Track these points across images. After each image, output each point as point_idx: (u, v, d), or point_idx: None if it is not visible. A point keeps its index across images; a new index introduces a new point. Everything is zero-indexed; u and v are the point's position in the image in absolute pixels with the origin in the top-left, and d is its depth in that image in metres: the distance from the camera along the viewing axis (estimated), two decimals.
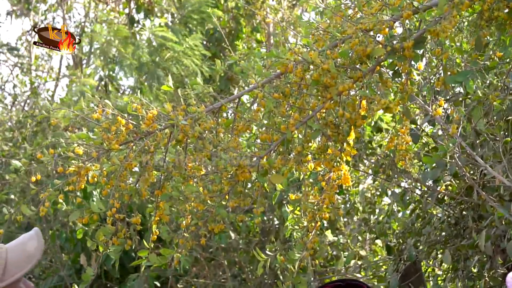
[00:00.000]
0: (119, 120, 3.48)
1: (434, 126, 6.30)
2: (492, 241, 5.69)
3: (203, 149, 3.46)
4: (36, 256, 2.64)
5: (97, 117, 3.50)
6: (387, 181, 6.99)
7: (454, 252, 6.14)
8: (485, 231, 5.56)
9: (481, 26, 3.67)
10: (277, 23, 8.75)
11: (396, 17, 3.58)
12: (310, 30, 3.68)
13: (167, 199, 3.50)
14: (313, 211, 3.59)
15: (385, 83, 3.54)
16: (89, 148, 3.49)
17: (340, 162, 3.57)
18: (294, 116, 3.50)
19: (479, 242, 5.53)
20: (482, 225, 5.88)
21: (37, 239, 2.68)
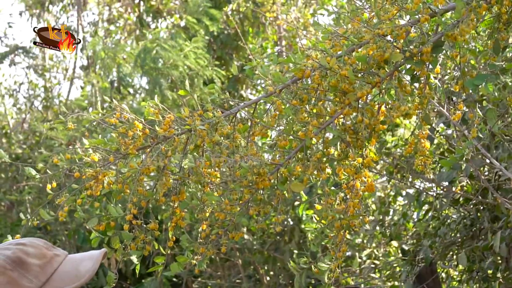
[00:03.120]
0: (136, 124, 3.45)
1: (449, 127, 6.25)
2: (507, 242, 5.65)
3: (220, 155, 3.42)
4: (84, 278, 2.55)
5: (114, 121, 3.46)
6: (401, 182, 6.95)
7: (469, 254, 6.10)
8: (500, 232, 5.52)
9: (499, 29, 3.62)
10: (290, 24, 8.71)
11: (413, 21, 3.54)
12: (327, 35, 3.63)
13: (187, 208, 3.47)
14: (340, 220, 3.54)
15: (403, 88, 3.50)
16: (105, 153, 3.46)
17: (363, 169, 3.53)
18: (313, 123, 3.46)
19: (494, 244, 5.49)
20: (496, 226, 5.84)
21: (94, 261, 2.59)
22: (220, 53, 9.89)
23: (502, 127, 5.08)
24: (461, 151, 3.72)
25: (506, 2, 3.51)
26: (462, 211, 6.33)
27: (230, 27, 9.94)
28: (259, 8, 9.38)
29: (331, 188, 3.61)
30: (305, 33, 8.88)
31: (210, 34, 9.71)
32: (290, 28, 9.16)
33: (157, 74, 9.05)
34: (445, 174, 6.06)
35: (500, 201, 5.51)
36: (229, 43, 9.89)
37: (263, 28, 9.93)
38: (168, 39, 9.23)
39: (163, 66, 8.94)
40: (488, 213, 6.00)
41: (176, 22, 10.46)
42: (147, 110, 3.51)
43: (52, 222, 9.07)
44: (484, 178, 5.66)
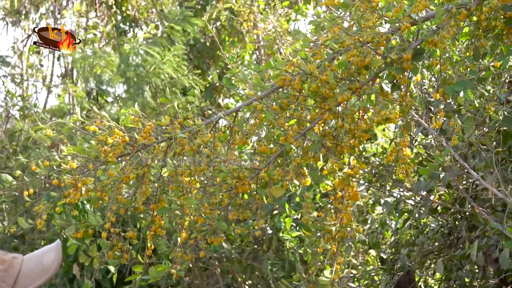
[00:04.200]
0: (116, 132, 3.40)
1: (427, 136, 6.25)
2: (484, 251, 5.64)
3: (201, 162, 3.38)
4: (52, 269, 2.53)
5: (94, 129, 3.41)
6: (380, 191, 6.93)
7: (447, 262, 6.09)
8: (477, 241, 5.51)
9: (479, 36, 3.62)
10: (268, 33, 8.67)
11: (394, 29, 3.52)
12: (307, 43, 3.60)
13: (166, 213, 3.42)
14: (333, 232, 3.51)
15: (385, 95, 3.47)
16: (84, 161, 3.40)
17: (351, 180, 3.50)
18: (293, 128, 3.43)
19: (471, 252, 5.48)
20: (474, 235, 5.83)
21: (55, 251, 2.57)
22: (197, 62, 9.85)
23: (479, 136, 5.09)
24: (439, 160, 3.71)
25: (485, 9, 3.51)
26: (440, 220, 6.32)
27: (207, 36, 9.90)
28: (236, 17, 9.35)
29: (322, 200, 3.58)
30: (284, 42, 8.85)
31: (186, 43, 9.66)
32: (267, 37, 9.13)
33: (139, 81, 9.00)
34: (423, 184, 6.04)
35: (477, 211, 5.51)
36: (206, 52, 9.85)
37: (241, 37, 9.90)
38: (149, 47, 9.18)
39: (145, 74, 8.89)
40: (465, 222, 5.99)
41: (153, 31, 10.41)
42: (127, 117, 3.46)
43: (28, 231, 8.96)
44: (461, 188, 5.65)
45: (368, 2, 3.56)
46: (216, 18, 9.89)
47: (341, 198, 3.53)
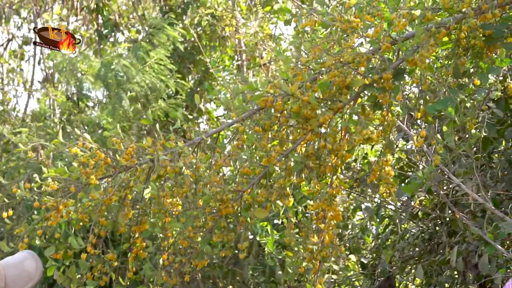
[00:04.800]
0: (98, 154, 3.36)
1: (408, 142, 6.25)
2: (464, 256, 5.64)
3: (183, 184, 3.35)
4: (37, 276, 2.53)
5: (75, 151, 3.37)
6: (361, 196, 6.92)
7: (427, 267, 6.09)
8: (457, 247, 5.51)
9: (459, 54, 3.60)
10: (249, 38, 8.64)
11: (374, 49, 3.50)
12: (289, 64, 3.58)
13: (148, 237, 3.39)
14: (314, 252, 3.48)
15: (367, 115, 3.46)
16: (66, 182, 3.36)
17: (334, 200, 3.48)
18: (276, 149, 3.41)
19: (451, 258, 5.48)
20: (454, 240, 5.83)
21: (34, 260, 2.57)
22: (178, 66, 9.79)
23: (459, 142, 5.09)
24: (421, 177, 3.71)
25: (464, 28, 3.50)
26: (420, 225, 6.32)
27: (188, 41, 9.85)
28: (218, 22, 9.31)
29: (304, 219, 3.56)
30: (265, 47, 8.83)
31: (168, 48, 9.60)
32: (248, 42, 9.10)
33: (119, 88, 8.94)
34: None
35: (457, 216, 5.51)
36: (187, 57, 9.79)
37: (222, 42, 9.86)
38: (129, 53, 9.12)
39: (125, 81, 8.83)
40: (446, 227, 5.99)
41: (134, 36, 10.34)
42: (109, 140, 3.42)
43: None
44: (442, 193, 5.65)
45: (348, 23, 3.54)
46: (197, 23, 9.84)
47: (323, 218, 3.50)
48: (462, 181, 5.37)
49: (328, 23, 3.63)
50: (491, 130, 5.02)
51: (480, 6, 3.48)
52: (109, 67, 8.92)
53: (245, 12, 9.44)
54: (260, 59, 9.35)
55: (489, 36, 3.52)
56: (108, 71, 8.90)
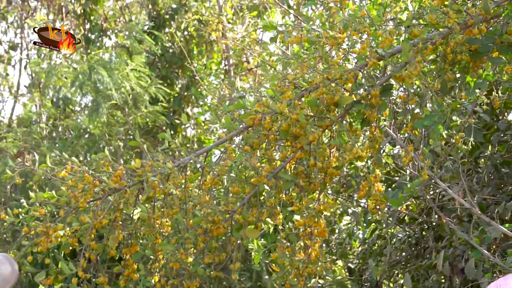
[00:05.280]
0: (86, 177, 3.31)
1: (394, 146, 6.23)
2: (450, 261, 5.63)
3: (173, 205, 3.30)
4: (12, 280, 2.49)
5: (64, 175, 3.32)
6: (348, 201, 6.89)
7: (413, 272, 6.07)
8: (443, 251, 5.50)
9: (445, 69, 3.58)
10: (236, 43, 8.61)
11: (361, 65, 3.47)
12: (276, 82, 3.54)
13: (139, 259, 3.34)
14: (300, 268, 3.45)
15: (354, 132, 3.43)
16: (54, 206, 3.31)
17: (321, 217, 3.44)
18: (265, 168, 3.37)
19: (437, 262, 5.47)
20: (440, 245, 5.82)
21: (10, 264, 2.53)
22: (165, 72, 9.74)
23: (445, 147, 5.07)
24: (409, 190, 3.69)
25: (451, 43, 3.47)
26: (407, 230, 6.29)
27: (176, 46, 9.80)
28: (204, 27, 9.26)
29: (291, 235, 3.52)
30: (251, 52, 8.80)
31: (154, 53, 9.55)
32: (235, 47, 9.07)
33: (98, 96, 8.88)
34: (390, 194, 6.02)
35: (444, 221, 5.50)
36: (174, 62, 9.75)
37: (209, 47, 9.81)
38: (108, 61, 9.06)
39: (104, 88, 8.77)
40: (432, 232, 5.97)
41: (120, 41, 10.28)
42: (98, 163, 3.37)
43: None
44: (428, 198, 5.63)
45: (334, 39, 3.50)
46: (184, 28, 9.79)
47: (309, 234, 3.47)
48: (448, 185, 5.36)
49: (314, 40, 3.60)
50: (478, 135, 5.01)
51: (466, 21, 3.46)
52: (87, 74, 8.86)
53: (231, 17, 9.40)
54: (247, 63, 9.32)
55: (475, 51, 3.49)
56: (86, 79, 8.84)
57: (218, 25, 8.88)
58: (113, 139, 9.56)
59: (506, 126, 5.37)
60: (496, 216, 4.99)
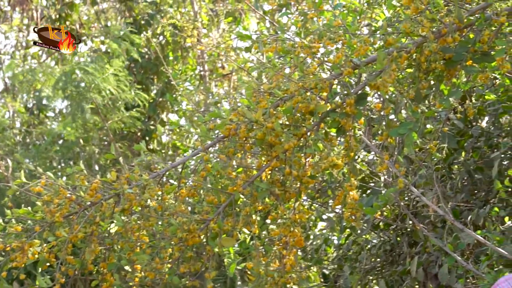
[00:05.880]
0: (61, 192, 3.27)
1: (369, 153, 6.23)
2: (424, 267, 5.64)
3: (149, 217, 3.28)
4: None
5: (39, 189, 3.27)
6: (323, 207, 6.88)
7: (388, 278, 6.07)
8: (417, 257, 5.51)
9: (420, 78, 3.58)
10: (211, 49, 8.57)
11: (336, 74, 3.47)
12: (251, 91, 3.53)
13: (115, 270, 3.31)
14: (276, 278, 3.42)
15: (330, 140, 3.42)
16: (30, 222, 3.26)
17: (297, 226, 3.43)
18: (241, 176, 3.36)
19: (411, 268, 5.48)
20: (414, 251, 5.83)
21: None
22: (141, 77, 9.69)
23: (419, 153, 5.09)
24: (384, 198, 3.69)
25: (425, 52, 3.48)
26: (382, 236, 6.29)
27: (151, 52, 9.77)
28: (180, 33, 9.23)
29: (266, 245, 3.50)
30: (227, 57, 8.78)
31: (130, 59, 9.50)
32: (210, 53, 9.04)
33: (79, 98, 8.82)
34: (365, 200, 6.03)
35: (418, 227, 5.51)
36: (150, 67, 9.71)
37: (185, 53, 9.78)
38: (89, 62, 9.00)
39: (85, 90, 8.72)
40: (406, 238, 5.97)
41: (96, 46, 10.22)
42: (73, 177, 3.33)
43: None
44: (403, 204, 5.64)
45: (309, 48, 3.50)
46: (160, 33, 9.76)
47: (285, 243, 3.45)
48: (423, 191, 5.37)
49: (289, 49, 3.59)
50: (451, 141, 5.03)
51: (440, 30, 3.46)
52: (69, 77, 8.80)
53: (206, 23, 9.38)
54: (222, 69, 9.31)
55: (449, 60, 3.50)
56: (68, 81, 8.78)
57: (193, 31, 8.85)
58: (88, 145, 9.51)
59: (479, 132, 5.39)
60: (470, 223, 5.01)
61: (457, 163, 5.59)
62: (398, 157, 3.74)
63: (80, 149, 9.53)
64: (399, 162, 3.68)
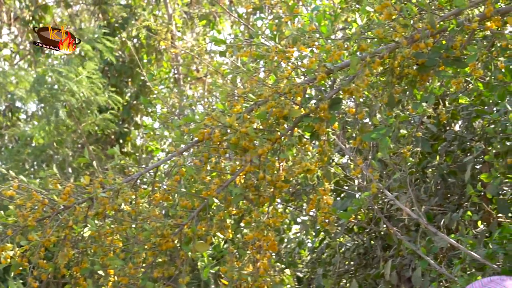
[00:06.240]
0: (34, 195, 3.26)
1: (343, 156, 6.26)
2: (397, 270, 5.68)
3: (123, 221, 3.28)
4: None
5: (11, 193, 3.26)
6: (297, 210, 6.91)
7: (361, 281, 6.10)
8: (390, 260, 5.54)
9: (393, 83, 3.61)
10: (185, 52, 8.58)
11: (310, 79, 3.49)
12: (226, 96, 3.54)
13: (88, 274, 3.30)
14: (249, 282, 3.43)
15: (303, 145, 3.44)
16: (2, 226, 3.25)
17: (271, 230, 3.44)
18: (215, 181, 3.37)
19: (385, 272, 5.51)
20: (388, 254, 5.86)
21: None
22: (115, 80, 9.67)
23: (394, 157, 5.12)
24: (358, 203, 3.71)
25: (398, 57, 3.50)
26: (356, 239, 6.33)
27: (126, 55, 9.74)
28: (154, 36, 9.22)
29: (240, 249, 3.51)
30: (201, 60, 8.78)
31: (104, 61, 9.48)
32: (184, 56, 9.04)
33: (53, 100, 8.77)
34: (339, 203, 6.06)
35: (391, 231, 5.54)
36: (124, 70, 9.69)
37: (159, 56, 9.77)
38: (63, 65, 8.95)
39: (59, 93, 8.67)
40: (380, 241, 6.01)
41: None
42: (46, 180, 3.32)
43: None
44: (376, 208, 5.67)
45: (283, 53, 3.52)
46: (135, 36, 9.74)
47: (259, 247, 3.46)
48: (397, 195, 5.41)
49: (263, 54, 3.61)
50: (425, 145, 5.07)
51: (413, 35, 3.49)
52: (43, 79, 8.75)
53: (180, 26, 9.38)
54: (196, 72, 9.31)
55: (422, 65, 3.53)
56: (42, 83, 8.73)
57: (167, 34, 8.85)
58: (61, 148, 9.46)
59: (453, 136, 5.44)
60: (443, 226, 5.05)
61: (431, 167, 5.63)
62: (372, 161, 3.76)
63: (54, 152, 9.48)
64: (373, 166, 3.70)
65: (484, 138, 5.26)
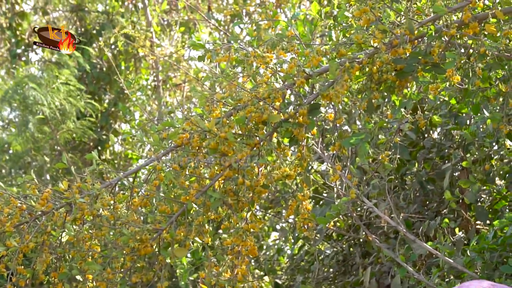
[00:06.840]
0: (12, 201, 3.25)
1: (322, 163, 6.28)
2: (377, 278, 5.70)
3: (101, 226, 3.28)
4: None
5: None
6: (276, 217, 6.92)
7: None
8: (370, 268, 5.56)
9: (371, 88, 3.64)
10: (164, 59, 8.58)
11: (289, 84, 3.51)
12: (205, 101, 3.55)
13: (66, 279, 3.30)
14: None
15: (282, 150, 3.46)
16: None
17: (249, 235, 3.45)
18: (194, 186, 3.38)
19: (364, 279, 5.53)
20: (367, 262, 5.89)
21: None
22: (93, 87, 9.65)
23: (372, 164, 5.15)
24: (337, 209, 3.73)
25: (377, 63, 3.53)
26: (335, 246, 6.35)
27: (104, 62, 9.72)
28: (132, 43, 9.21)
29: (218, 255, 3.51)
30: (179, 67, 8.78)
31: (82, 68, 9.45)
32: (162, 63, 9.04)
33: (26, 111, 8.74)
34: (318, 210, 6.08)
35: (370, 238, 5.57)
36: (102, 77, 9.67)
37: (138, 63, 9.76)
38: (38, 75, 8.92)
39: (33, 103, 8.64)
40: (359, 248, 6.04)
41: (47, 56, 10.14)
42: (24, 186, 3.32)
43: None
44: (356, 215, 5.70)
45: (262, 58, 3.54)
46: (113, 43, 9.72)
47: (237, 253, 3.47)
48: (375, 202, 5.43)
49: (242, 59, 3.62)
50: (404, 152, 5.10)
51: (392, 41, 3.53)
52: (17, 89, 8.72)
53: (158, 33, 9.38)
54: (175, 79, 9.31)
55: (401, 70, 3.56)
56: (15, 94, 8.70)
57: (145, 41, 8.84)
58: (38, 155, 9.43)
59: (431, 144, 5.48)
60: (421, 234, 5.08)
61: (410, 174, 5.67)
62: (351, 168, 3.78)
63: (31, 159, 9.45)
64: (352, 173, 3.72)
65: (462, 145, 5.30)
